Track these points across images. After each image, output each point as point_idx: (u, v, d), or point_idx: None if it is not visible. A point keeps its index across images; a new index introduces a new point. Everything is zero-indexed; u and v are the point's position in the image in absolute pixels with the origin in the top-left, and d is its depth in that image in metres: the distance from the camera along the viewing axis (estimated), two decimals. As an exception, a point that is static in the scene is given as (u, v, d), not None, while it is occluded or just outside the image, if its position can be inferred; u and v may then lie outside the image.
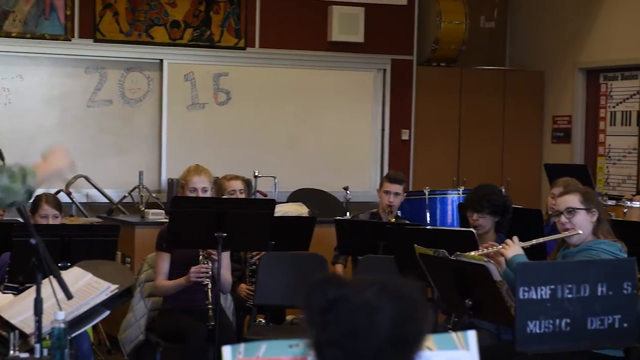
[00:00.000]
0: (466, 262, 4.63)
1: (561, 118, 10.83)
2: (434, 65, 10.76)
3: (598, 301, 4.09)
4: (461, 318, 4.92)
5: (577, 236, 4.82)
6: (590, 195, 4.98)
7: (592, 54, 10.35)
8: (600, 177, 10.41)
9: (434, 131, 10.72)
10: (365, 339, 1.81)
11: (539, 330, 4.00)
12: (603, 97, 10.44)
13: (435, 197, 8.09)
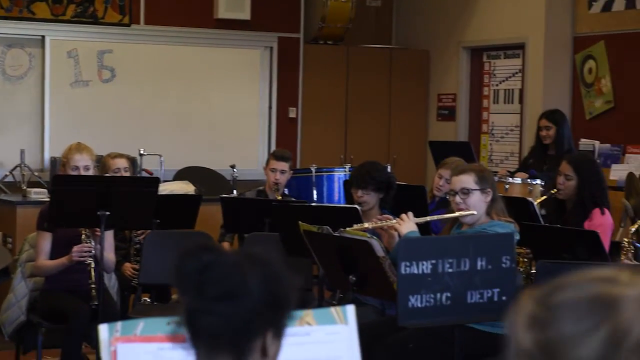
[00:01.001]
0: (349, 238, 4.66)
1: (446, 96, 10.98)
2: (320, 43, 10.79)
3: (478, 275, 4.16)
4: (346, 294, 4.95)
5: (471, 216, 4.87)
6: (485, 175, 5.01)
7: (475, 33, 10.50)
8: (484, 154, 10.59)
9: (321, 109, 10.76)
10: (240, 299, 1.86)
11: (420, 304, 4.05)
12: (486, 75, 10.62)
13: (322, 175, 8.12)
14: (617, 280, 1.32)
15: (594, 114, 9.41)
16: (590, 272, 1.36)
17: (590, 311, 1.30)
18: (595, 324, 1.28)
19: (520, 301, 1.37)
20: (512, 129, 10.26)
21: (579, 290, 1.33)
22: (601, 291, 1.31)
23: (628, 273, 1.34)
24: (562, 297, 1.33)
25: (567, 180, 5.97)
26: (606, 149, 9.14)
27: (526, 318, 1.34)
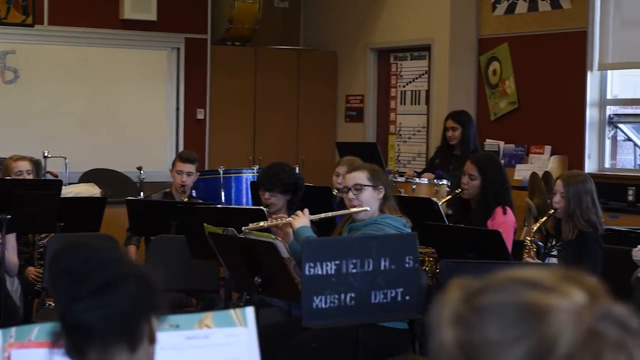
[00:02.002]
0: (254, 240, 4.66)
1: (354, 97, 11.04)
2: (228, 44, 10.75)
3: (381, 275, 4.19)
4: (252, 296, 4.94)
5: (363, 212, 4.91)
6: (378, 173, 5.08)
7: (383, 35, 10.57)
8: (391, 155, 10.67)
9: (230, 110, 10.72)
10: (119, 288, 1.89)
11: (324, 305, 4.06)
12: (393, 76, 10.70)
13: (230, 176, 8.09)
14: (550, 288, 1.27)
15: (499, 115, 9.55)
16: (523, 274, 1.31)
17: (517, 319, 1.25)
18: (522, 333, 1.24)
19: (447, 293, 1.32)
20: (419, 129, 10.35)
21: (508, 294, 1.28)
22: (531, 298, 1.26)
23: (563, 280, 1.29)
24: (490, 300, 1.28)
25: (471, 180, 6.04)
26: (511, 149, 9.28)
27: (451, 313, 1.30)
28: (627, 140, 9.08)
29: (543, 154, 8.99)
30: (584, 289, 1.26)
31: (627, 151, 9.25)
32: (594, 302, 1.25)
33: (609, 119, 8.83)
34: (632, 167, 8.97)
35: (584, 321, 1.23)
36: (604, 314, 1.24)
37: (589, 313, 1.23)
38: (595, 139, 8.81)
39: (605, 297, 1.26)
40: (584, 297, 1.25)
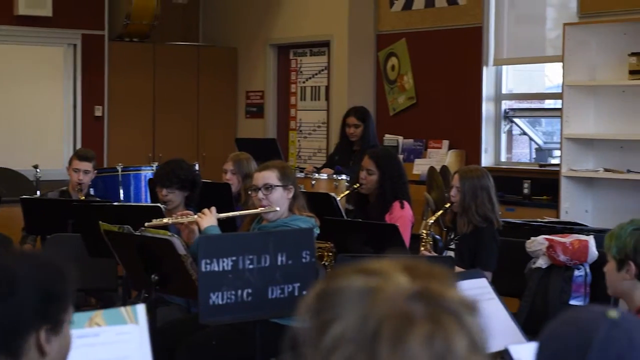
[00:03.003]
0: (150, 237, 4.62)
1: (254, 93, 11.02)
2: (126, 40, 10.64)
3: (278, 270, 4.19)
4: (150, 294, 4.89)
5: (273, 212, 4.89)
6: (288, 172, 5.06)
7: (282, 31, 10.58)
8: (292, 151, 10.69)
9: (128, 107, 10.61)
10: (5, 299, 1.87)
11: (221, 301, 4.05)
12: (293, 72, 10.72)
13: (128, 174, 8.00)
14: (380, 273, 1.37)
15: (397, 110, 9.64)
16: (363, 264, 1.40)
17: (348, 299, 1.35)
18: (348, 310, 1.33)
19: (307, 293, 1.42)
20: (319, 125, 10.39)
21: (346, 280, 1.37)
22: (362, 283, 1.36)
23: (396, 266, 1.37)
24: (331, 286, 1.38)
25: (369, 175, 6.09)
26: (409, 144, 9.37)
27: (304, 307, 1.39)
28: (522, 135, 9.25)
29: (441, 148, 9.10)
30: (410, 273, 1.36)
31: (522, 145, 9.42)
32: (414, 284, 1.34)
33: (505, 113, 8.98)
34: (528, 161, 9.14)
35: (396, 300, 1.32)
36: (417, 294, 1.33)
37: (404, 294, 1.33)
38: (492, 133, 8.95)
39: (433, 281, 1.35)
40: (406, 280, 1.34)
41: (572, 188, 7.81)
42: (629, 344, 1.54)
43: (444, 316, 1.31)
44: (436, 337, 1.29)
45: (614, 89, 7.79)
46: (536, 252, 5.29)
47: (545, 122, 9.34)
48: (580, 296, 5.19)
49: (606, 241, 3.53)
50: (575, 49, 7.74)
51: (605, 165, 7.76)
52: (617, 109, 7.80)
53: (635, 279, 3.45)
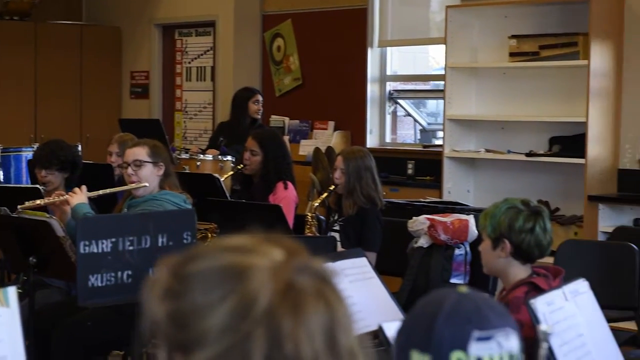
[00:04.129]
0: (28, 219, 4.53)
1: (139, 74, 10.88)
2: (6, 19, 10.39)
3: (159, 252, 4.15)
4: (28, 277, 4.80)
5: (143, 189, 4.86)
6: (158, 149, 5.02)
7: (167, 11, 10.47)
8: (178, 132, 10.60)
9: (9, 87, 10.38)
10: None
11: (100, 283, 4.00)
12: (179, 53, 10.61)
13: (9, 155, 7.83)
14: (250, 250, 1.33)
15: (284, 91, 9.64)
16: (225, 241, 1.36)
17: (220, 281, 1.30)
18: (224, 293, 1.28)
19: (156, 272, 1.35)
20: (205, 106, 10.32)
21: (212, 260, 1.33)
22: (232, 261, 1.31)
23: (263, 242, 1.35)
24: (195, 267, 1.32)
25: (252, 156, 6.07)
26: (295, 125, 9.38)
27: (160, 289, 1.33)
28: (407, 116, 9.34)
29: (327, 129, 9.13)
30: (282, 248, 1.33)
31: (407, 126, 9.52)
32: (292, 258, 1.32)
33: (389, 94, 9.06)
34: (412, 142, 9.23)
35: (282, 276, 1.30)
36: (301, 267, 1.31)
37: (287, 268, 1.31)
38: (377, 114, 9.02)
39: (303, 254, 1.34)
40: (282, 255, 1.32)
41: (454, 168, 7.92)
42: (475, 311, 1.61)
43: (325, 286, 1.33)
44: (324, 307, 1.31)
45: (495, 71, 7.93)
46: (418, 231, 5.35)
47: (430, 104, 9.45)
48: (461, 274, 5.27)
49: (481, 220, 3.59)
50: (457, 31, 7.85)
51: (486, 146, 7.89)
52: (498, 91, 7.94)
53: (510, 257, 3.51)
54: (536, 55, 7.50)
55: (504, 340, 1.59)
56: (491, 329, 1.59)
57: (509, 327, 1.61)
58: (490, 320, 1.60)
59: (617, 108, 7.24)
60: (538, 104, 7.68)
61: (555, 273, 3.51)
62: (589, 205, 7.04)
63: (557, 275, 3.49)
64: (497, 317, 1.61)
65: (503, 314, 1.63)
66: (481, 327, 1.59)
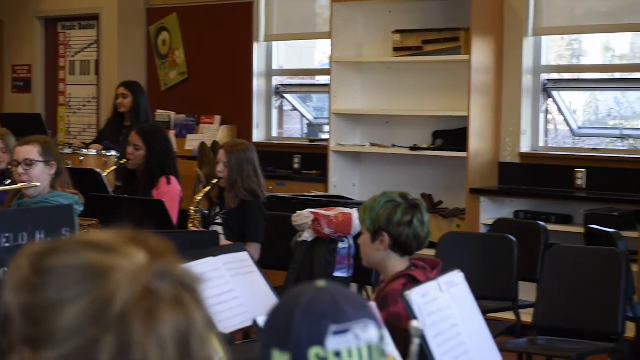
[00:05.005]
0: None
1: (21, 67, 10.66)
2: None
3: (37, 248, 4.07)
4: None
5: (34, 188, 4.76)
6: (50, 147, 4.92)
7: (50, 3, 10.28)
8: (61, 126, 10.42)
9: None
10: None
11: (-25, 281, 3.90)
12: (62, 46, 10.43)
13: None
14: (113, 250, 1.30)
15: (169, 85, 9.56)
16: (90, 237, 1.33)
17: (77, 279, 1.27)
18: (80, 293, 1.25)
19: (16, 260, 1.31)
20: (89, 100, 10.17)
21: (73, 256, 1.29)
22: (93, 260, 1.28)
23: (127, 242, 1.32)
24: (54, 261, 1.29)
25: (136, 150, 6.02)
26: (182, 120, 9.31)
27: (17, 280, 1.29)
28: (293, 110, 9.36)
29: (213, 124, 9.09)
30: (146, 249, 1.29)
31: (294, 121, 9.54)
32: (154, 262, 1.29)
33: (276, 89, 9.06)
34: (299, 136, 9.26)
35: (141, 279, 1.26)
36: (161, 273, 1.28)
37: (148, 272, 1.27)
38: (263, 109, 9.02)
39: (168, 257, 1.31)
40: (144, 257, 1.28)
41: (340, 162, 7.98)
42: (332, 304, 1.62)
43: (184, 293, 1.30)
44: (181, 314, 1.28)
45: (380, 66, 8.00)
46: (302, 225, 5.36)
47: (317, 98, 9.49)
48: (345, 268, 5.31)
49: (360, 214, 3.62)
50: (342, 26, 7.90)
51: (371, 140, 7.96)
52: (382, 85, 8.02)
53: (388, 250, 3.55)
54: (419, 50, 7.60)
55: (362, 332, 1.60)
56: (347, 322, 1.60)
57: (367, 318, 1.62)
58: (346, 313, 1.61)
59: (498, 102, 7.38)
60: (422, 98, 7.79)
61: (433, 265, 3.56)
62: (471, 198, 7.17)
63: (435, 267, 3.54)
64: (354, 309, 1.62)
65: (360, 306, 1.64)
66: (337, 320, 1.60)
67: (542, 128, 7.51)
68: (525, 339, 4.99)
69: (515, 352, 5.02)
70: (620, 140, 7.49)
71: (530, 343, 4.92)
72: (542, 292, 4.98)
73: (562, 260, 5.03)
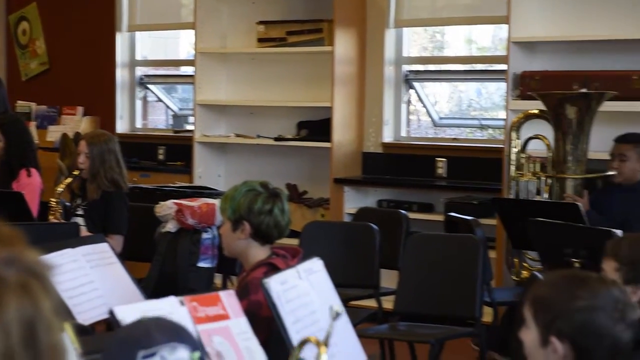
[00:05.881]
0: None
1: None
2: None
3: None
4: None
5: None
6: None
7: None
8: None
9: None
10: None
11: None
12: None
13: None
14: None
15: (30, 76, 9.36)
16: None
17: None
18: None
19: None
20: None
21: None
22: None
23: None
24: None
25: (-7, 143, 5.89)
26: (43, 111, 9.14)
27: None
28: (158, 101, 9.29)
29: (75, 115, 8.94)
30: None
31: (158, 112, 9.47)
32: (0, 249, 1.29)
33: (140, 80, 8.97)
34: (164, 127, 9.20)
35: None
36: (8, 260, 1.29)
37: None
38: (127, 99, 8.92)
39: (16, 246, 1.31)
40: None
41: (205, 153, 7.96)
42: (144, 332, 1.90)
43: (32, 280, 1.30)
44: (27, 301, 1.28)
45: (244, 57, 8.01)
46: (165, 216, 5.33)
47: (181, 89, 9.43)
48: (209, 258, 5.30)
49: (221, 203, 3.64)
50: (206, 16, 7.88)
51: (236, 131, 7.97)
52: (247, 76, 8.03)
53: (249, 238, 3.57)
54: (283, 41, 7.64)
55: (169, 354, 1.87)
56: (156, 346, 1.86)
57: (177, 342, 1.90)
58: (155, 339, 1.87)
59: (361, 93, 7.48)
60: (286, 89, 7.83)
61: (294, 253, 3.60)
62: (335, 188, 7.25)
63: (296, 255, 3.58)
64: (164, 335, 1.89)
65: (173, 332, 1.92)
66: (146, 346, 1.86)
67: (404, 118, 7.63)
68: (387, 325, 5.08)
69: (377, 338, 5.10)
70: (480, 131, 7.68)
71: (391, 329, 5.01)
72: (403, 279, 5.07)
73: (422, 247, 5.13)
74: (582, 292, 2.25)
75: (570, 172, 5.84)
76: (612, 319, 2.22)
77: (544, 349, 2.24)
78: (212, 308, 2.65)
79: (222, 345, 2.54)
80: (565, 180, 5.86)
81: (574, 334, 2.21)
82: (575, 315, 2.22)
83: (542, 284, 2.39)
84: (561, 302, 2.24)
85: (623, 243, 3.08)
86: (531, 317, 2.28)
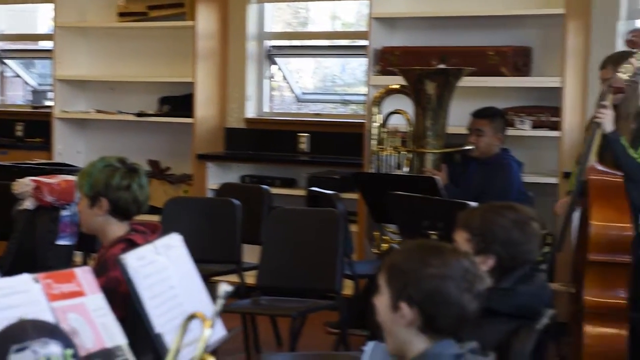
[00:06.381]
0: None
1: None
2: None
3: None
4: None
5: None
6: None
7: None
8: None
9: None
10: None
11: None
12: None
13: None
14: None
15: None
16: None
17: None
18: None
19: None
20: None
21: None
22: None
23: None
24: None
25: None
26: None
27: None
28: (16, 77, 9.06)
29: None
30: None
31: (16, 87, 9.25)
32: None
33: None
34: (22, 103, 8.99)
35: None
36: None
37: None
38: (-17, 74, 8.69)
39: None
40: None
41: (65, 129, 7.82)
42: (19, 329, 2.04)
43: None
44: None
45: (105, 31, 7.89)
46: (23, 193, 5.22)
47: (40, 64, 9.22)
48: (68, 236, 5.22)
49: (78, 180, 3.58)
50: (65, -11, 7.72)
51: (97, 107, 7.85)
52: (108, 51, 7.91)
53: (107, 215, 3.53)
54: (145, 15, 7.54)
55: (40, 348, 2.01)
56: (27, 341, 2.00)
57: (48, 337, 2.04)
58: (28, 335, 2.01)
59: (224, 69, 7.45)
60: (148, 64, 7.75)
61: (154, 229, 3.57)
62: (198, 164, 7.22)
63: (155, 231, 3.56)
64: (37, 332, 2.04)
65: (46, 330, 2.07)
66: (17, 341, 2.00)
67: (267, 94, 7.64)
68: (249, 300, 5.09)
69: (239, 312, 5.12)
70: (343, 106, 7.75)
71: (254, 303, 5.03)
72: (265, 254, 5.09)
73: (284, 222, 5.17)
74: (433, 261, 2.31)
75: (429, 146, 5.95)
76: (460, 288, 2.29)
77: (394, 313, 2.30)
78: (67, 285, 2.61)
79: (77, 322, 2.50)
80: (424, 154, 5.97)
81: (422, 301, 2.28)
82: (425, 283, 2.28)
83: (398, 252, 2.45)
84: (413, 269, 2.30)
85: (474, 214, 3.16)
86: (385, 283, 2.34)
